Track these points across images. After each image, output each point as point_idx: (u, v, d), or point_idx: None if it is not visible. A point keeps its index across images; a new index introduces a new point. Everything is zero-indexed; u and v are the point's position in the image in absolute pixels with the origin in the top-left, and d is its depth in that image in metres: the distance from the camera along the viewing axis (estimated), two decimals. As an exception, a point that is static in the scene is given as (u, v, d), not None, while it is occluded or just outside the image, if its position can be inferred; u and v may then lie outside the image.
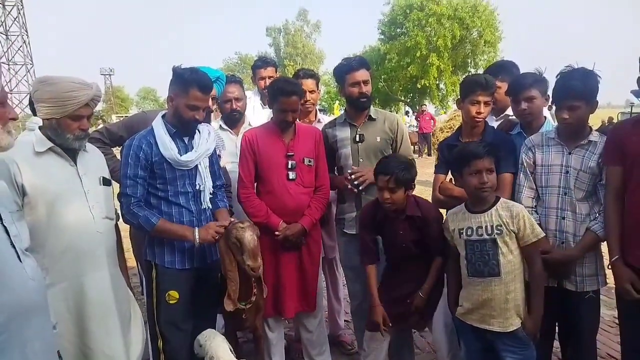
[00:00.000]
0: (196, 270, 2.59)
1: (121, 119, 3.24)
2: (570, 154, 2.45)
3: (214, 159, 2.75)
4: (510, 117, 3.07)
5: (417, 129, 19.89)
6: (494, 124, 3.05)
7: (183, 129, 2.53)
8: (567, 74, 2.40)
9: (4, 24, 50.25)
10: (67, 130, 2.12)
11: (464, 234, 2.36)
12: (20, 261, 1.50)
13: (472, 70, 31.73)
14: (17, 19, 50.85)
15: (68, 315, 2.12)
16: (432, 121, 19.72)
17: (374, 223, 2.68)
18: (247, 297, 2.51)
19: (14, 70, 50.79)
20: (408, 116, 25.71)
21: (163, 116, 2.57)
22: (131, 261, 3.27)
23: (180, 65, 2.55)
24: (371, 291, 2.66)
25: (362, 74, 2.95)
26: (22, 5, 51.07)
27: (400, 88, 33.94)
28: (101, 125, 8.12)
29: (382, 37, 34.43)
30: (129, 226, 2.71)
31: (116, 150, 3.07)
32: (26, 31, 51.37)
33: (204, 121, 2.85)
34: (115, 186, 2.54)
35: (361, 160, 3.00)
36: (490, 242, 2.28)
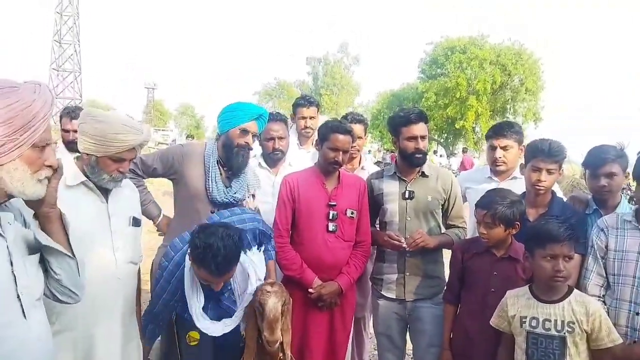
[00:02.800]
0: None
1: (155, 150, 3.12)
2: (649, 240, 2.17)
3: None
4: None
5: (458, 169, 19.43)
6: (500, 184, 2.86)
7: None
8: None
9: (59, 32, 52.59)
10: (104, 170, 2.00)
11: (527, 324, 2.07)
12: (25, 317, 1.34)
13: (511, 117, 31.35)
14: (71, 29, 53.19)
15: None
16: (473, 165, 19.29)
17: (463, 260, 2.48)
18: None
19: (62, 76, 52.88)
20: (435, 154, 25.34)
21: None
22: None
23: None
24: (444, 332, 2.55)
25: (420, 128, 2.72)
26: (78, 17, 53.49)
27: (435, 127, 33.69)
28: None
29: (422, 75, 34.47)
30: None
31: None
32: (78, 41, 53.65)
33: (243, 160, 2.71)
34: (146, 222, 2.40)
35: (409, 218, 2.75)
36: (558, 339, 2.00)
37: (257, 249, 2.52)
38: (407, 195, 2.76)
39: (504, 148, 2.94)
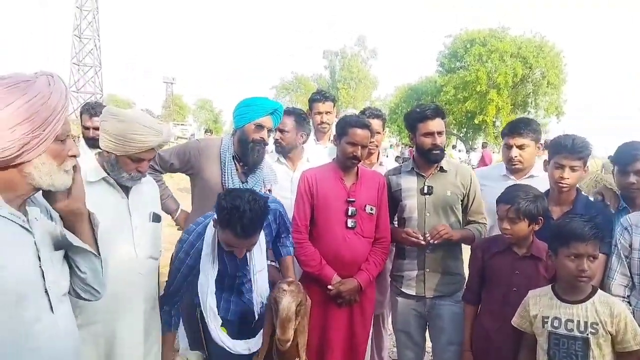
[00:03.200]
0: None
1: (173, 145, 3.13)
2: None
3: (277, 229, 2.53)
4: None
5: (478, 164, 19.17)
6: (517, 183, 2.75)
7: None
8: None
9: (79, 27, 53.28)
10: (123, 168, 2.02)
11: (549, 324, 2.02)
12: (53, 312, 1.36)
13: (532, 111, 30.84)
14: (91, 24, 53.85)
15: None
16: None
17: (483, 259, 2.45)
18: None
19: (82, 71, 53.64)
20: (454, 149, 25.04)
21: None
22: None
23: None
24: (465, 332, 2.53)
25: (437, 124, 2.69)
26: (97, 12, 54.12)
27: (454, 122, 33.30)
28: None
29: (441, 69, 34.08)
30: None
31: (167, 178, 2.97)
32: (98, 35, 54.30)
33: (259, 155, 2.72)
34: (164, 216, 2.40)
35: (428, 214, 2.72)
36: (581, 341, 1.95)
37: (275, 236, 2.52)
38: (425, 191, 2.73)
39: (520, 147, 2.86)
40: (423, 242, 2.62)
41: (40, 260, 1.34)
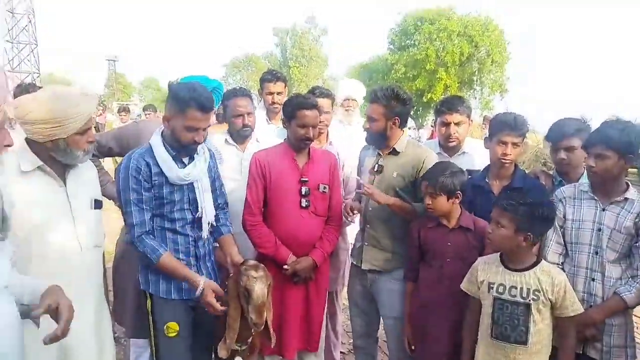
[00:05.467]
0: (195, 301, 2.33)
1: (111, 130, 3.02)
2: (604, 210, 2.27)
3: (215, 175, 2.53)
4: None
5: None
6: (451, 160, 2.88)
7: (182, 152, 2.29)
8: (608, 122, 2.24)
9: (10, 1, 49.70)
10: (77, 147, 1.93)
11: (494, 290, 2.15)
12: None
13: (478, 88, 31.75)
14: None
15: (48, 357, 1.89)
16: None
17: (419, 237, 2.54)
18: (244, 339, 2.29)
19: (17, 49, 50.31)
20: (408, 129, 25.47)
21: (161, 134, 2.31)
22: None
23: (176, 80, 2.33)
24: (405, 308, 2.65)
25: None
26: (30, -14, 50.59)
27: (405, 100, 33.78)
28: (101, 115, 7.98)
29: (392, 47, 34.36)
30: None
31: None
32: (33, 11, 50.88)
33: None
34: (106, 202, 2.33)
35: None
36: (523, 306, 2.07)
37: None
38: (375, 169, 2.77)
39: (457, 124, 2.96)
40: (347, 220, 2.81)
41: None
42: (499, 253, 2.23)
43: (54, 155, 1.93)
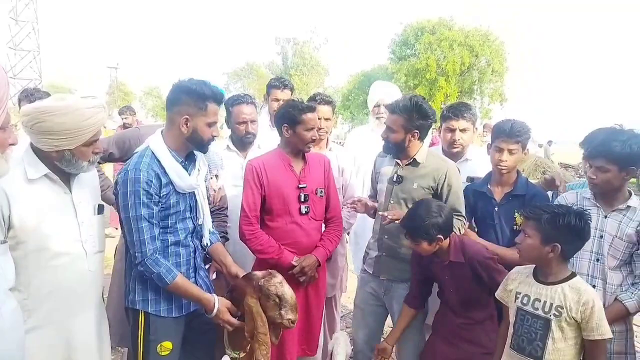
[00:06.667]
0: (191, 315, 2.27)
1: (112, 134, 3.02)
2: (605, 217, 2.27)
3: (207, 183, 2.52)
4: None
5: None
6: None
7: (198, 149, 2.23)
8: (610, 132, 2.23)
9: (14, 9, 50.06)
10: (83, 158, 1.93)
11: (519, 300, 2.09)
12: None
13: (478, 97, 31.86)
14: (28, 6, 50.68)
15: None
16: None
17: (422, 265, 2.53)
18: (242, 346, 2.27)
19: (20, 56, 50.55)
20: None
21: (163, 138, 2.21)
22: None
23: (184, 80, 2.22)
24: (394, 329, 2.66)
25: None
26: (34, -7, 50.97)
27: (405, 108, 33.86)
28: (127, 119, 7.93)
29: (392, 56, 34.52)
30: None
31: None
32: (36, 18, 51.21)
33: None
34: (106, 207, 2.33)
35: (392, 202, 2.71)
36: (543, 320, 1.99)
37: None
38: (394, 179, 2.72)
39: (463, 130, 2.96)
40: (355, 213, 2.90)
41: None
42: (534, 266, 2.14)
43: (58, 164, 1.92)
